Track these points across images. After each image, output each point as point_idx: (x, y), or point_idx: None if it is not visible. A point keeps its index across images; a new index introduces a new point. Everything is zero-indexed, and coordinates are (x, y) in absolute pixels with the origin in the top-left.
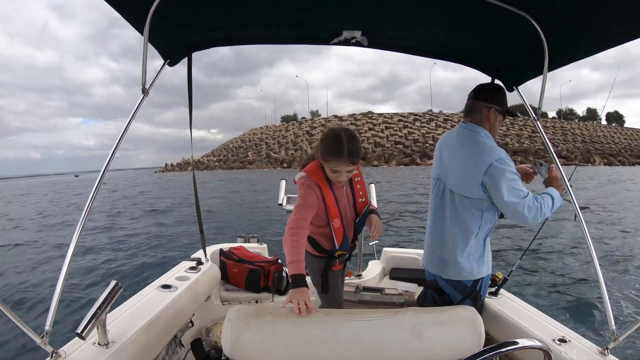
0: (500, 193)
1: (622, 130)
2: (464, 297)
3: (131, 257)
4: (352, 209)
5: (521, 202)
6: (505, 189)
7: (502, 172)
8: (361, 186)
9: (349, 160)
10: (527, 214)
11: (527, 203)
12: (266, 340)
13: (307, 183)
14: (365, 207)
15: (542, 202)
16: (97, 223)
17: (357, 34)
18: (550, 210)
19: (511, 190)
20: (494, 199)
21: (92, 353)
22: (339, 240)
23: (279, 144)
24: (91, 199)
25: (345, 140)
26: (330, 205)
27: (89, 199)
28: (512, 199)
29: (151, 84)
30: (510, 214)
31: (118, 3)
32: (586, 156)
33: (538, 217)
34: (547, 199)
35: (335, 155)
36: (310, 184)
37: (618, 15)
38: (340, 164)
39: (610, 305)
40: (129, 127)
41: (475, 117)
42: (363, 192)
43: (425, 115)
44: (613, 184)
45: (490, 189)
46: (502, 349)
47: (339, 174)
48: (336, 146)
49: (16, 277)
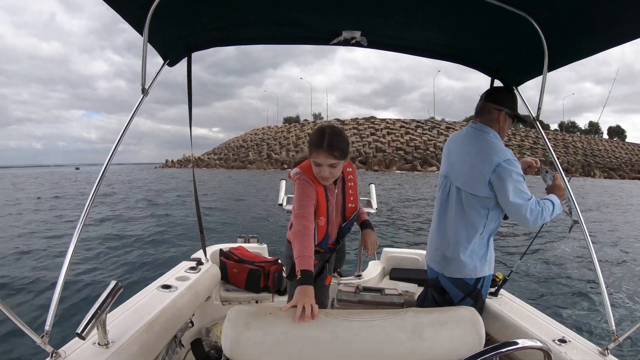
0: (506, 193)
1: (624, 145)
2: (465, 296)
3: (131, 257)
4: (340, 212)
5: (525, 204)
6: (511, 189)
7: (509, 173)
8: (353, 192)
9: (328, 152)
10: (528, 217)
11: (530, 206)
12: (266, 341)
13: (302, 178)
14: (354, 213)
15: (544, 207)
16: (97, 223)
17: (357, 34)
18: (550, 215)
19: (516, 192)
20: (498, 198)
21: (92, 353)
22: (319, 237)
23: (280, 145)
24: (92, 197)
25: (328, 134)
26: (320, 202)
27: (89, 197)
28: (517, 200)
29: (151, 84)
30: (512, 214)
31: (117, 3)
32: (586, 169)
33: (538, 220)
34: (549, 204)
35: (315, 146)
36: (306, 179)
37: (618, 15)
38: (320, 155)
39: (610, 305)
40: (129, 127)
41: (485, 118)
42: (354, 198)
43: (428, 123)
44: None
45: (496, 188)
46: (502, 349)
47: (321, 168)
48: (318, 138)
49: (16, 278)
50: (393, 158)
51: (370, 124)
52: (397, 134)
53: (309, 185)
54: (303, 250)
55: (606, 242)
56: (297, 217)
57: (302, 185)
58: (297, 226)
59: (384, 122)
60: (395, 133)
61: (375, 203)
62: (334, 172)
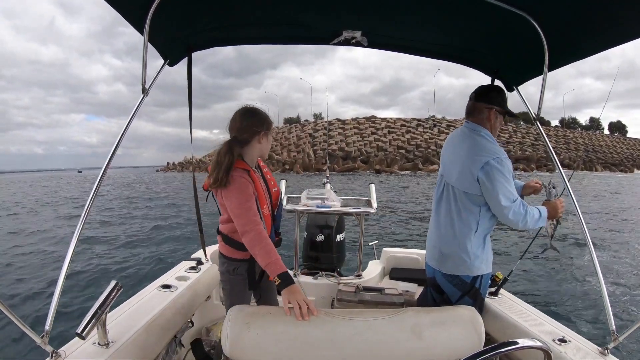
0: (491, 191)
1: (625, 140)
2: (462, 294)
3: (131, 257)
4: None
5: (508, 206)
6: (498, 188)
7: (497, 171)
8: (271, 176)
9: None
10: (511, 217)
11: (513, 208)
12: (266, 340)
13: (235, 174)
14: (279, 197)
15: (528, 212)
16: (97, 222)
17: (357, 34)
18: (533, 223)
19: (502, 191)
20: (485, 195)
21: (92, 353)
22: (268, 229)
23: (282, 145)
24: (91, 198)
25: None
26: (259, 190)
27: (89, 197)
28: (502, 200)
29: (151, 83)
30: (497, 213)
31: (118, 3)
32: (588, 165)
33: (519, 223)
34: (535, 212)
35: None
36: (240, 173)
37: (618, 15)
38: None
39: (610, 305)
40: (130, 127)
41: (476, 117)
42: (274, 181)
43: (429, 121)
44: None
45: (482, 185)
46: (502, 349)
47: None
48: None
49: (16, 277)
50: (394, 157)
51: (371, 123)
52: (398, 132)
53: (245, 181)
54: (270, 255)
55: (606, 242)
56: (249, 223)
57: (240, 185)
58: (251, 233)
59: (385, 121)
60: (397, 132)
61: (375, 203)
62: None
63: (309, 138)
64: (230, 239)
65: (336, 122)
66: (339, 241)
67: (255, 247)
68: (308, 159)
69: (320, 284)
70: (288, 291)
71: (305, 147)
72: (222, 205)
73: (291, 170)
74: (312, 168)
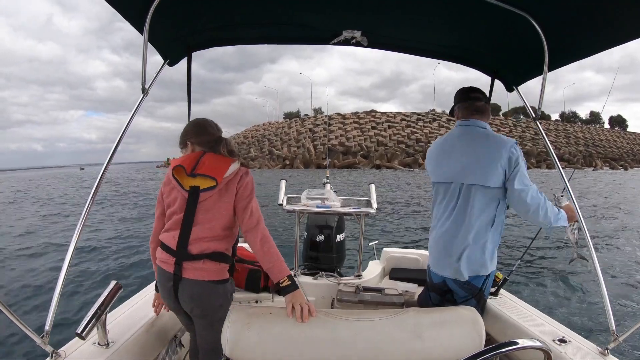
0: (514, 173)
1: (625, 135)
2: (470, 296)
3: (131, 257)
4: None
5: (526, 188)
6: (519, 170)
7: (520, 155)
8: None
9: None
10: (529, 201)
11: (531, 192)
12: (266, 341)
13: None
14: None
15: (546, 200)
16: (97, 222)
17: (357, 34)
18: (553, 215)
19: (522, 173)
20: (506, 181)
21: (92, 353)
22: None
23: (282, 140)
24: (91, 197)
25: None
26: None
27: (90, 196)
28: (522, 181)
29: (151, 84)
30: (514, 197)
31: (118, 2)
32: (588, 160)
33: (539, 210)
34: (554, 207)
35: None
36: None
37: (618, 15)
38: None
39: (610, 305)
40: (130, 126)
41: (484, 115)
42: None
43: (429, 115)
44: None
45: (507, 169)
46: (502, 349)
47: None
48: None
49: (16, 277)
50: (395, 152)
51: (371, 117)
52: (398, 127)
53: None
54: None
55: (606, 241)
56: (261, 222)
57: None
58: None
59: (385, 116)
60: (397, 126)
61: (375, 203)
62: None
63: (309, 133)
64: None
65: (336, 117)
66: (339, 241)
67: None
68: (308, 154)
69: (320, 284)
70: (294, 294)
71: (305, 142)
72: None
73: (291, 166)
74: (313, 164)
